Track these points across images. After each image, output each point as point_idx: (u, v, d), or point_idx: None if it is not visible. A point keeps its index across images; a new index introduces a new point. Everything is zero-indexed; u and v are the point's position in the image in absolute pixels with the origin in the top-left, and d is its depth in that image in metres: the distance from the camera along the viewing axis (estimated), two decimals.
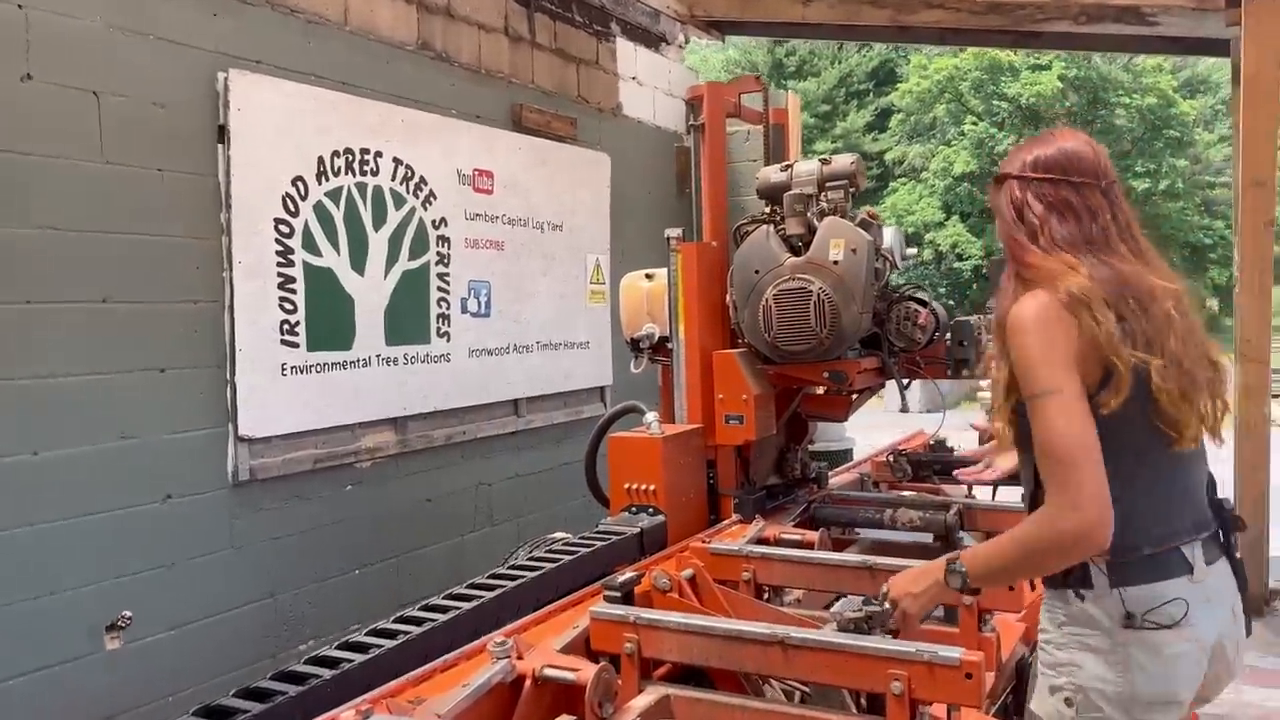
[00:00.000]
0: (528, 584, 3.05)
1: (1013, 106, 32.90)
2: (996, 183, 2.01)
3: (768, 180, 4.07)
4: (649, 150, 6.76)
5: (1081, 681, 1.80)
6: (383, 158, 4.63)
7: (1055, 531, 1.71)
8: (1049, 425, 1.72)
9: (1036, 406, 1.74)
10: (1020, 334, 1.77)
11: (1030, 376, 1.75)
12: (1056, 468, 1.71)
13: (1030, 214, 1.90)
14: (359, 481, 4.61)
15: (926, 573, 2.01)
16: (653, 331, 4.30)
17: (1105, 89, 35.13)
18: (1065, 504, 1.70)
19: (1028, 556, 1.79)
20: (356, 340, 4.52)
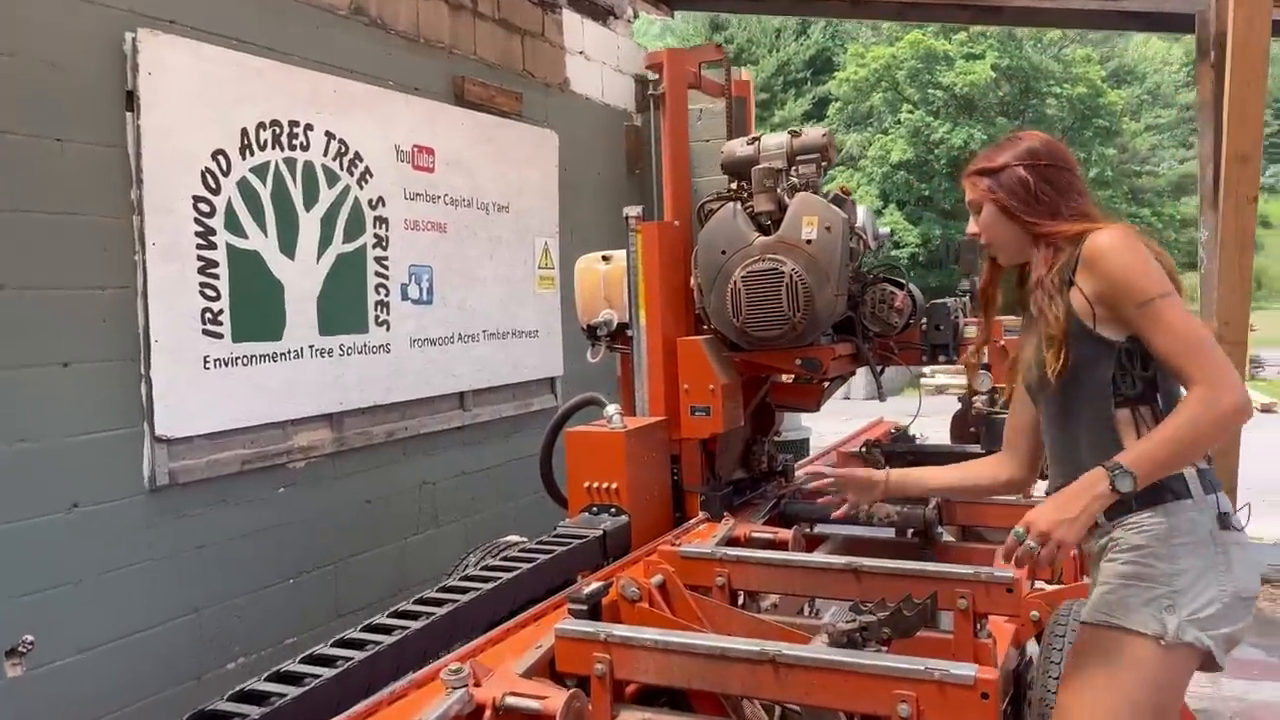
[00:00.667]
0: (483, 597, 2.75)
1: (948, 95, 33.23)
2: (984, 174, 2.18)
3: (733, 154, 3.80)
4: (598, 129, 6.46)
5: (1184, 585, 1.89)
6: (313, 131, 4.26)
7: (1219, 409, 1.83)
8: (1178, 319, 1.90)
9: (1155, 309, 1.90)
10: (1115, 254, 1.94)
11: (1141, 285, 1.92)
12: (1200, 353, 1.88)
13: (1046, 194, 2.09)
14: (292, 483, 4.25)
15: (1077, 492, 1.91)
16: (611, 318, 4.01)
17: (1037, 79, 35.70)
18: (1220, 382, 1.84)
19: (1196, 440, 1.88)
20: (287, 330, 4.15)
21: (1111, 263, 1.97)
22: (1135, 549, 1.97)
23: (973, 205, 2.22)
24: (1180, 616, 1.89)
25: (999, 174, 2.15)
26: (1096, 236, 2.00)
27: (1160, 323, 1.92)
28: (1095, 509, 1.90)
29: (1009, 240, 2.18)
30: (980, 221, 2.21)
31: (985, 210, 2.18)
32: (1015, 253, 2.20)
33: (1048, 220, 2.10)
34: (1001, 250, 2.22)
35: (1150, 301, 1.92)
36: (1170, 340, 1.92)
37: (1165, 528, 1.94)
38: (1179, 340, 1.91)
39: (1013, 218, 2.13)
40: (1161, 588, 1.91)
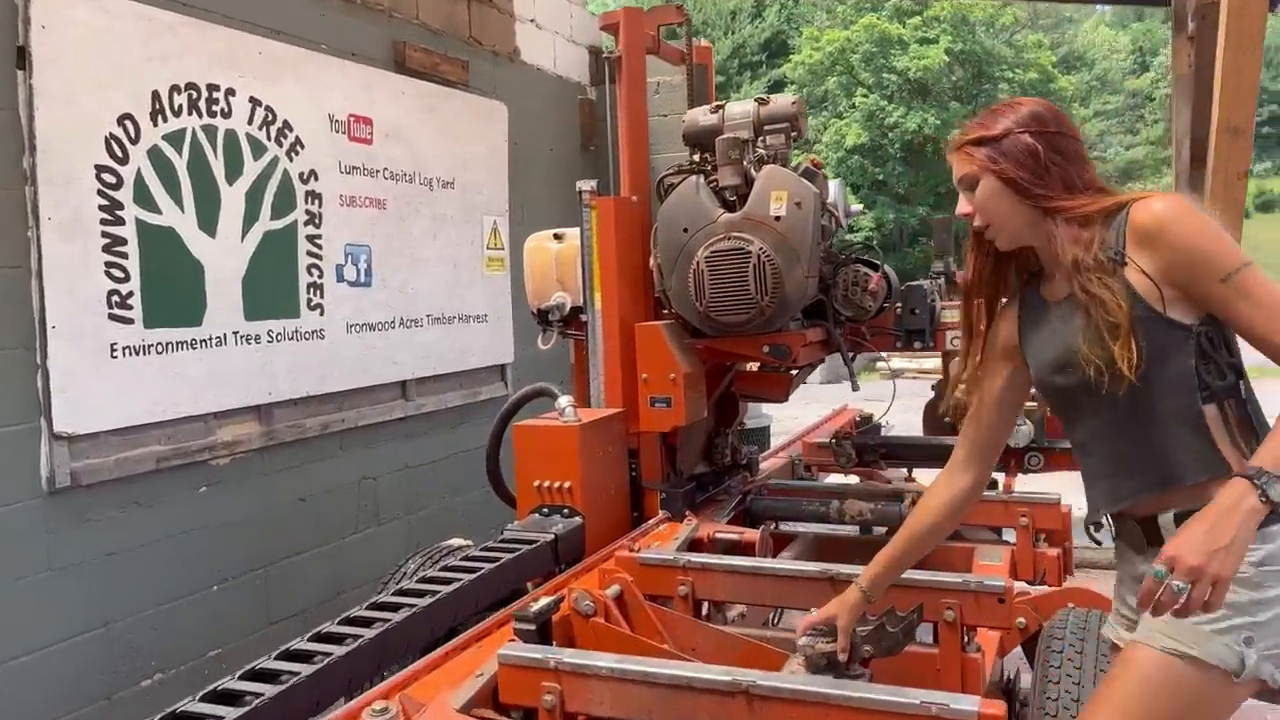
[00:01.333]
0: (418, 616, 2.44)
1: (902, 80, 33.24)
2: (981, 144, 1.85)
3: (696, 123, 3.51)
4: (550, 102, 6.12)
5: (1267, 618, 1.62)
6: (236, 96, 3.89)
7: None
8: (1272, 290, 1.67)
9: (1243, 282, 1.67)
10: (1183, 223, 1.70)
11: (1221, 256, 1.68)
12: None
13: (1057, 164, 1.81)
14: (215, 481, 3.89)
15: (1223, 512, 1.54)
16: (563, 301, 3.71)
17: (989, 64, 35.88)
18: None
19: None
20: (208, 314, 3.79)
21: (1181, 232, 1.70)
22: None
23: (965, 181, 1.87)
24: (1258, 650, 1.62)
25: (1000, 142, 1.81)
26: (1150, 205, 1.73)
27: (1252, 297, 1.66)
28: (1251, 528, 1.52)
29: (1013, 219, 1.84)
30: (976, 199, 1.85)
31: (984, 185, 1.83)
32: (1018, 234, 1.85)
33: (1062, 194, 1.79)
34: (1002, 232, 1.86)
35: (1236, 272, 1.66)
36: (1264, 313, 1.66)
37: (1261, 552, 1.63)
38: (1274, 311, 1.66)
39: (1021, 192, 1.80)
40: (1242, 618, 1.62)
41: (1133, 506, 1.80)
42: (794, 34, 38.02)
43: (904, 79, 33.45)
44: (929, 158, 32.65)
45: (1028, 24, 39.16)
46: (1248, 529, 1.51)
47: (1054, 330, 1.84)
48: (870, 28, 35.14)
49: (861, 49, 34.19)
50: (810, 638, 2.08)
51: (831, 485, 4.04)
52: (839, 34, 35.44)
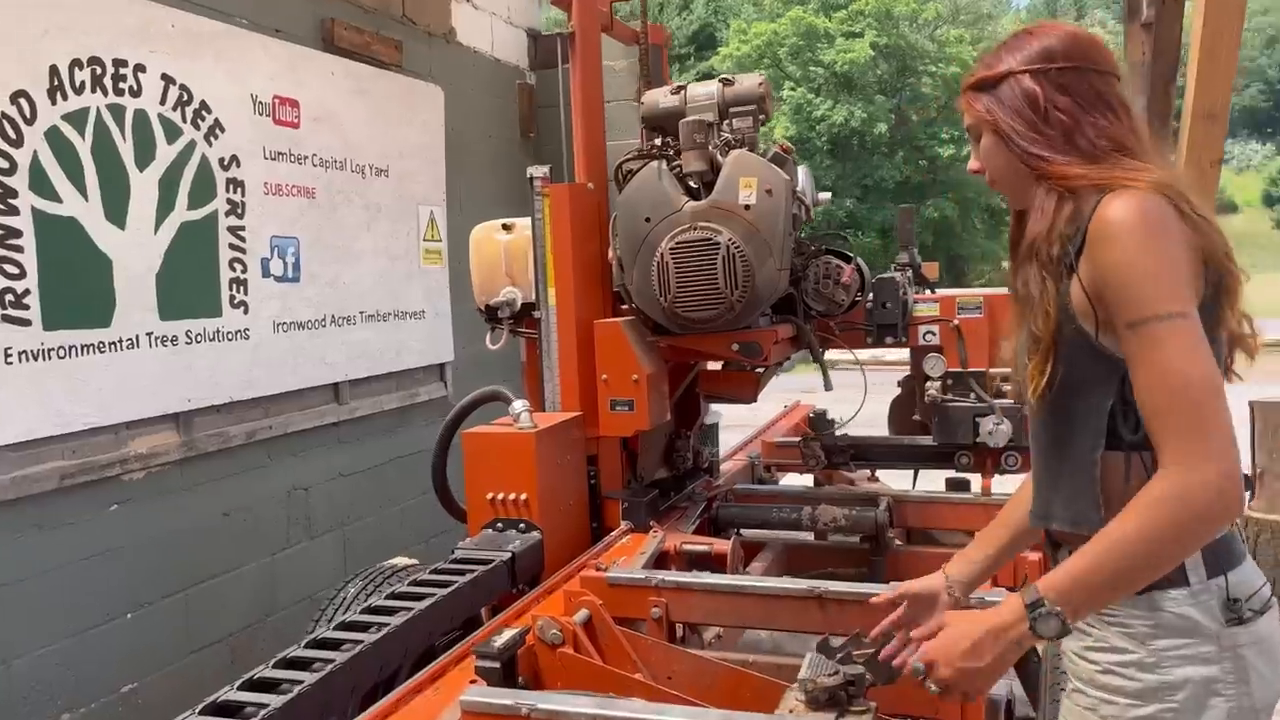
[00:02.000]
0: (364, 654, 2.16)
1: (828, 73, 33.49)
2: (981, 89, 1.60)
3: (656, 106, 3.27)
4: (488, 87, 5.81)
5: (1185, 704, 1.40)
6: (146, 73, 3.52)
7: (1194, 497, 1.30)
8: (1177, 358, 1.33)
9: (1154, 334, 1.34)
10: (1122, 236, 1.37)
11: (1143, 295, 1.35)
12: (1189, 413, 1.33)
13: (1061, 112, 1.51)
14: (128, 499, 3.53)
15: (985, 635, 1.43)
16: (513, 296, 3.45)
17: (913, 58, 36.38)
18: (1203, 455, 1.31)
19: (1152, 556, 1.35)
20: (118, 314, 3.42)
21: (1117, 250, 1.38)
22: (1115, 651, 1.46)
23: (972, 131, 1.63)
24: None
25: (998, 86, 1.56)
26: (1113, 203, 1.40)
27: (1153, 353, 1.35)
28: (1011, 659, 1.43)
29: (1011, 178, 1.59)
30: (982, 152, 1.61)
31: (985, 138, 1.59)
32: (1020, 195, 1.59)
33: (1059, 153, 1.50)
34: (1007, 192, 1.63)
35: (1145, 322, 1.35)
36: (1152, 384, 1.36)
37: (1148, 625, 1.43)
38: (1162, 389, 1.35)
39: (1011, 148, 1.54)
40: (1149, 705, 1.42)
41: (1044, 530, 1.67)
42: (722, 26, 38.06)
43: (830, 72, 33.72)
44: (855, 151, 32.96)
45: (949, 19, 39.79)
46: (1009, 657, 1.43)
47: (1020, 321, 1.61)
48: (797, 21, 35.36)
49: (789, 42, 34.40)
50: (812, 669, 1.87)
51: (801, 490, 3.84)
52: (766, 27, 35.61)
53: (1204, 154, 3.54)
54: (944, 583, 1.78)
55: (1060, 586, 1.38)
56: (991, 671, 1.43)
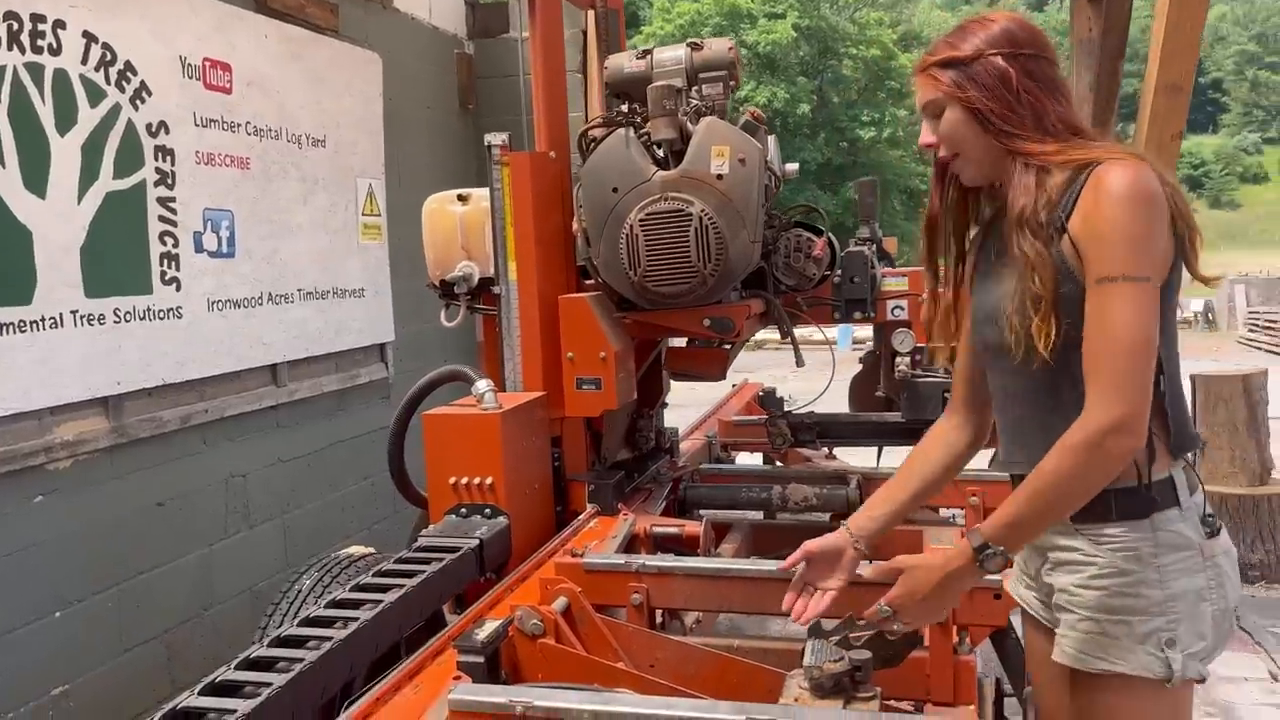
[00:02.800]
0: (334, 651, 2.01)
1: (750, 54, 33.62)
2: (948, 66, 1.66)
3: (620, 70, 3.15)
4: (425, 56, 5.60)
5: (1182, 613, 1.56)
6: (66, 30, 3.26)
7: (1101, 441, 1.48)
8: (1128, 316, 1.49)
9: (1116, 291, 1.49)
10: (1118, 204, 1.50)
11: (1119, 256, 1.50)
12: (1124, 364, 1.49)
13: (1029, 95, 1.62)
14: (54, 489, 3.29)
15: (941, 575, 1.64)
16: (470, 271, 3.30)
17: (834, 39, 36.76)
18: (1120, 401, 1.48)
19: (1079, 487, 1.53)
20: (40, 291, 3.17)
21: (1106, 211, 1.51)
22: (1120, 574, 1.59)
23: (930, 108, 1.69)
24: (1181, 651, 1.56)
25: (970, 65, 1.63)
26: (1111, 170, 1.53)
27: (1113, 306, 1.50)
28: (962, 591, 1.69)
29: (979, 152, 1.67)
30: (941, 128, 1.68)
31: (950, 114, 1.66)
32: (984, 168, 1.69)
33: (1031, 131, 1.61)
34: (968, 166, 1.70)
35: (1113, 280, 1.50)
36: (1099, 333, 1.51)
37: (1152, 546, 1.58)
38: (1106, 338, 1.50)
39: (987, 126, 1.62)
40: (1157, 619, 1.57)
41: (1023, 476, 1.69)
42: (645, 5, 37.86)
43: (753, 53, 33.85)
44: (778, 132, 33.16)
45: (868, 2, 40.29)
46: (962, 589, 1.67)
47: (997, 279, 1.69)
48: (720, 1, 35.39)
49: (712, 22, 34.45)
50: (816, 656, 1.80)
51: (770, 469, 3.77)
52: (690, 6, 35.59)
53: (1165, 126, 3.54)
54: (849, 539, 1.85)
55: (999, 530, 1.57)
56: (946, 606, 1.70)
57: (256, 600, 4.06)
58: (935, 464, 1.88)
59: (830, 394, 3.48)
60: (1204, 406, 5.02)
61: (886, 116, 36.01)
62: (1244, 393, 4.99)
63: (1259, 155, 58.76)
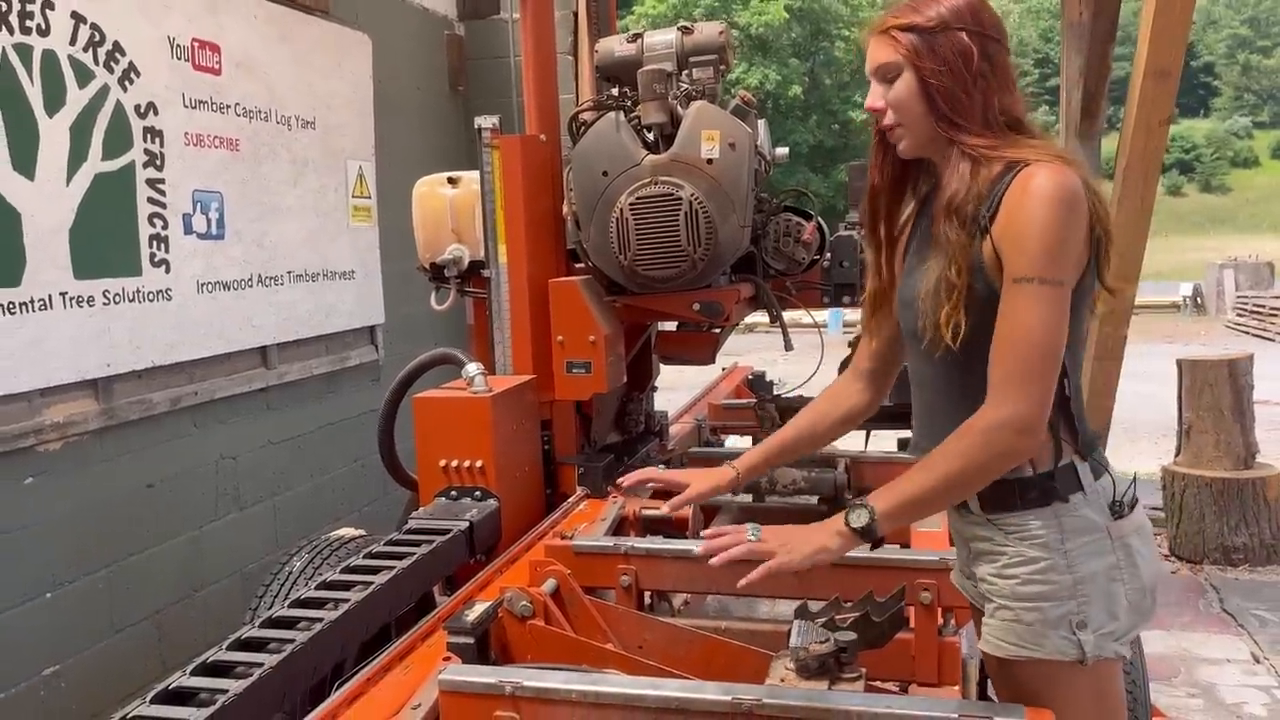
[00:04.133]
0: (325, 633, 2.03)
1: (743, 35, 33.48)
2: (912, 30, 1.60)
3: (611, 54, 3.15)
4: (415, 37, 5.57)
5: (1091, 594, 1.58)
6: (54, 11, 3.24)
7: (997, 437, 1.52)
8: (1040, 317, 1.50)
9: (1031, 292, 1.50)
10: (1040, 206, 1.50)
11: (1036, 259, 1.50)
12: (1030, 364, 1.51)
13: (983, 79, 1.59)
14: (44, 471, 3.29)
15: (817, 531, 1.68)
16: (460, 254, 3.31)
17: (826, 21, 36.60)
18: (1022, 399, 1.51)
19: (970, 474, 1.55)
20: (29, 272, 3.17)
21: (1026, 214, 1.50)
22: (1029, 562, 1.61)
23: (882, 71, 1.63)
24: (1093, 632, 1.59)
25: (934, 34, 1.58)
26: (1035, 173, 1.52)
27: (1023, 307, 1.50)
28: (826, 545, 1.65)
29: (924, 129, 1.62)
30: (892, 94, 1.62)
31: (904, 80, 1.60)
32: (922, 143, 1.65)
33: (974, 122, 1.58)
34: (907, 137, 1.65)
35: (1028, 281, 1.50)
36: (1006, 333, 1.52)
37: (1056, 532, 1.60)
38: (1011, 339, 1.51)
39: (932, 103, 1.58)
40: (1068, 602, 1.59)
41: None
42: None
43: (745, 34, 33.71)
44: (770, 114, 33.02)
45: None
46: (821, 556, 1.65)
47: (920, 261, 1.67)
48: None
49: (704, 3, 34.24)
50: (802, 637, 1.82)
51: None
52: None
53: (1154, 112, 3.56)
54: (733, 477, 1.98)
55: (880, 493, 1.62)
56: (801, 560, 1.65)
57: (246, 582, 4.08)
58: (832, 421, 1.97)
59: (819, 377, 3.50)
60: (1190, 391, 5.06)
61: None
62: (1229, 377, 5.03)
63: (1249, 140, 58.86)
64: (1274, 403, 8.89)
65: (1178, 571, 4.97)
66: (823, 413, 1.97)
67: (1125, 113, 3.65)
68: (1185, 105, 56.96)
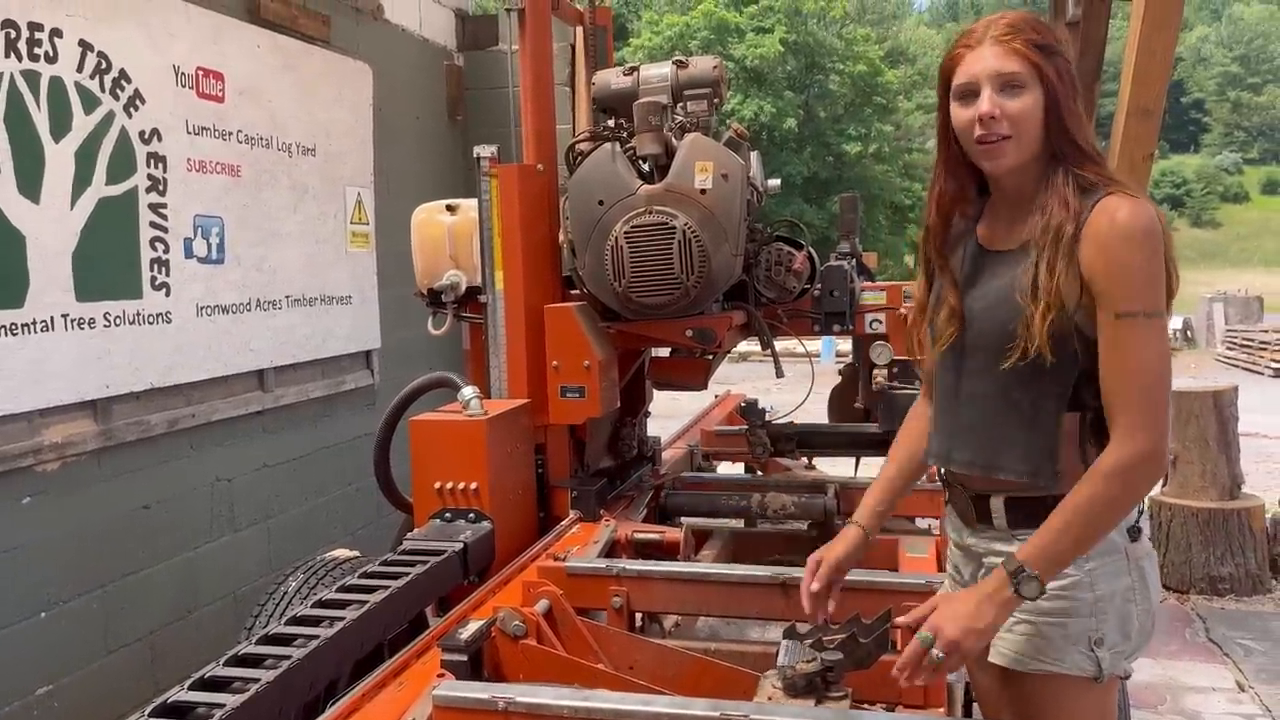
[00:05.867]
0: (321, 649, 2.06)
1: (738, 67, 33.82)
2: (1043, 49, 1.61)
3: (607, 86, 3.22)
4: (415, 66, 5.66)
5: (1108, 613, 1.64)
6: (63, 39, 3.31)
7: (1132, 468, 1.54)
8: (1153, 349, 1.56)
9: (1141, 326, 1.55)
10: (1139, 242, 1.55)
11: (1143, 293, 1.55)
12: (1143, 397, 1.55)
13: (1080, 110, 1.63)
14: (42, 491, 3.33)
15: (982, 600, 1.60)
16: (458, 280, 3.36)
17: (821, 55, 36.95)
18: (1151, 435, 1.54)
19: (1110, 514, 1.58)
20: (31, 294, 3.22)
21: (1125, 249, 1.54)
22: (1056, 579, 1.63)
23: (1005, 79, 1.59)
24: (1108, 650, 1.64)
25: (1055, 57, 1.60)
26: (1123, 207, 1.55)
27: (1136, 342, 1.55)
28: (1004, 616, 1.60)
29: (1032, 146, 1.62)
30: (1015, 105, 1.59)
31: (1029, 94, 1.59)
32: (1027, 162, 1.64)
33: (1082, 145, 1.62)
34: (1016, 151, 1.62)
35: (1134, 315, 1.55)
36: (1122, 367, 1.56)
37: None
38: (1129, 373, 1.56)
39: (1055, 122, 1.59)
40: (1088, 619, 1.65)
41: (964, 478, 1.78)
42: (633, 18, 38.03)
43: (741, 66, 34.04)
44: (764, 145, 33.32)
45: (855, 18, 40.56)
46: (1002, 617, 1.59)
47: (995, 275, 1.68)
48: (709, 15, 35.56)
49: (700, 35, 34.61)
50: (790, 656, 1.86)
51: (749, 478, 3.85)
52: (678, 19, 35.76)
53: (1137, 148, 3.62)
54: (862, 533, 1.93)
55: (1035, 555, 1.58)
56: (988, 630, 1.59)
57: (239, 604, 4.09)
58: (918, 461, 1.95)
59: (810, 405, 3.55)
60: (1176, 421, 5.11)
61: (873, 132, 36.26)
62: (1214, 408, 5.09)
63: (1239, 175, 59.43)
64: (1261, 435, 8.97)
65: (1165, 601, 5.01)
66: (916, 434, 1.94)
67: (1109, 149, 3.73)
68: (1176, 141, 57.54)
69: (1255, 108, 61.17)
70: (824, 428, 3.90)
